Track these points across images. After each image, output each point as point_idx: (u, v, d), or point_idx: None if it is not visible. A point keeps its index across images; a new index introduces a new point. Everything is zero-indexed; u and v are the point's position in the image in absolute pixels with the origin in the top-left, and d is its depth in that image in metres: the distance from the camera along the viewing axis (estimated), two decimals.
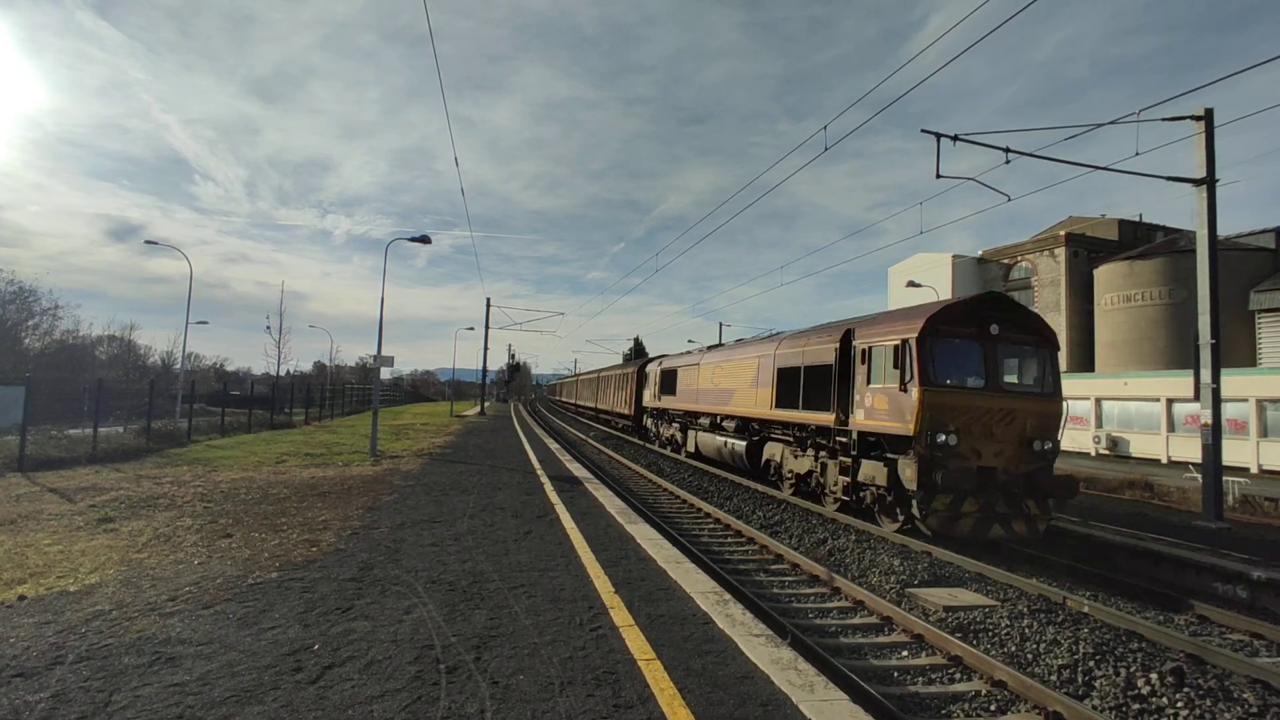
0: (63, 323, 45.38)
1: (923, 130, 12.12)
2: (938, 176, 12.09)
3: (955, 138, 12.30)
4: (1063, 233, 41.92)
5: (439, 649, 4.90)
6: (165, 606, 5.81)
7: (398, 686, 4.27)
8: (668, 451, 27.01)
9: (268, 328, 56.42)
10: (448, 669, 4.55)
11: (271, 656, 4.72)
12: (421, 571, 7.00)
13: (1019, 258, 43.96)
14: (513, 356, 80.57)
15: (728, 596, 6.42)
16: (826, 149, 12.02)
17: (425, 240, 21.45)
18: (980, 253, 47.19)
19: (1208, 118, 12.85)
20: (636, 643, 5.10)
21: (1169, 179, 13.00)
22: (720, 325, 52.13)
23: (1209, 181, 12.77)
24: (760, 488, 16.66)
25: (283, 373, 59.44)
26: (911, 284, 32.72)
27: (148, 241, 48.30)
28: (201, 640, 5.02)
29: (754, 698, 4.23)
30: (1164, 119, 12.65)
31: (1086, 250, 41.45)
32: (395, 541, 8.39)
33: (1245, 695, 5.77)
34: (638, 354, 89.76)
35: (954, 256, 45.40)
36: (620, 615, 5.74)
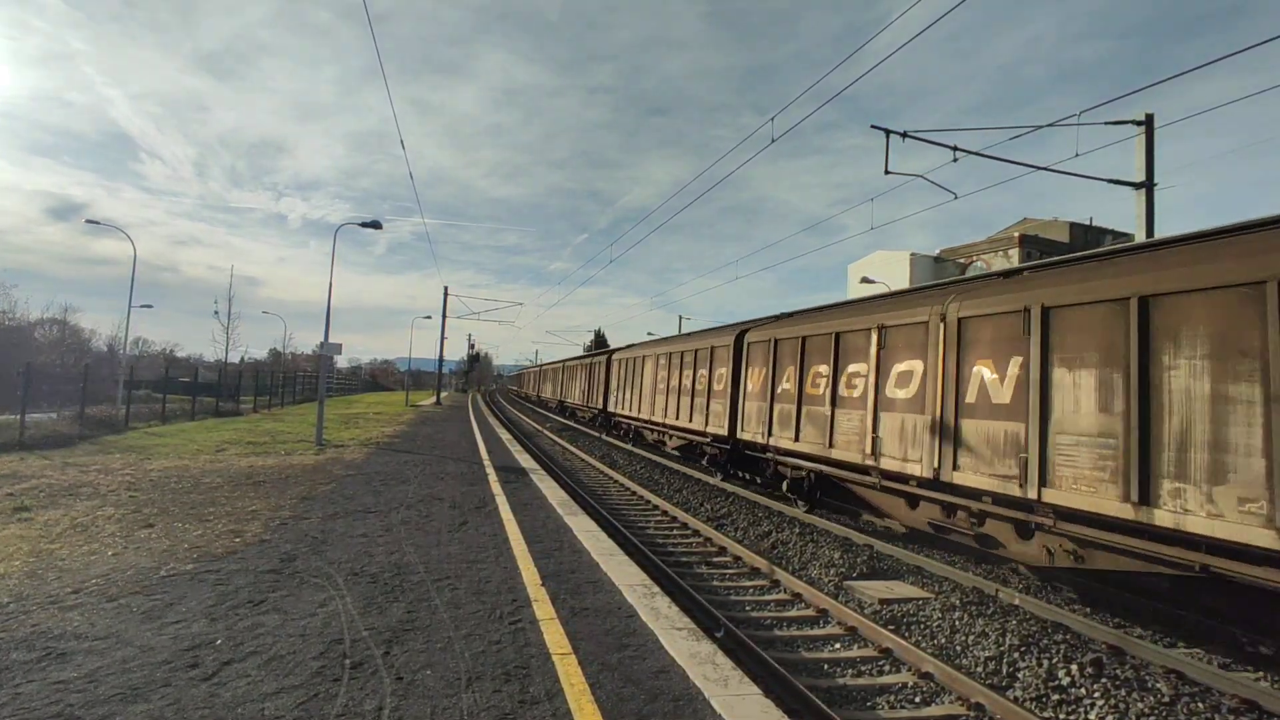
0: None
1: (873, 126, 12.17)
2: (886, 173, 12.16)
3: (905, 135, 12.37)
4: (1017, 234, 42.88)
5: (348, 643, 4.73)
6: (67, 599, 5.54)
7: (296, 683, 4.09)
8: None
9: (215, 313, 54.90)
10: (353, 664, 4.38)
11: (169, 652, 4.50)
12: (345, 563, 6.78)
13: (975, 257, 44.82)
14: (472, 346, 79.58)
15: (656, 590, 6.33)
16: (774, 140, 11.99)
17: (376, 225, 20.99)
18: (938, 251, 48.03)
19: (1148, 123, 13.12)
20: (555, 636, 4.98)
21: (1110, 181, 13.26)
22: (680, 319, 52.17)
23: (1148, 185, 13.06)
24: (714, 480, 16.59)
25: (236, 359, 57.96)
26: (865, 280, 33.12)
27: (89, 221, 46.69)
28: (98, 635, 4.78)
29: (666, 693, 4.14)
30: (1107, 122, 12.89)
31: (1039, 251, 42.36)
32: (323, 532, 8.13)
33: (1159, 685, 5.89)
34: (598, 345, 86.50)
35: (912, 254, 46.11)
36: (543, 609, 5.62)
